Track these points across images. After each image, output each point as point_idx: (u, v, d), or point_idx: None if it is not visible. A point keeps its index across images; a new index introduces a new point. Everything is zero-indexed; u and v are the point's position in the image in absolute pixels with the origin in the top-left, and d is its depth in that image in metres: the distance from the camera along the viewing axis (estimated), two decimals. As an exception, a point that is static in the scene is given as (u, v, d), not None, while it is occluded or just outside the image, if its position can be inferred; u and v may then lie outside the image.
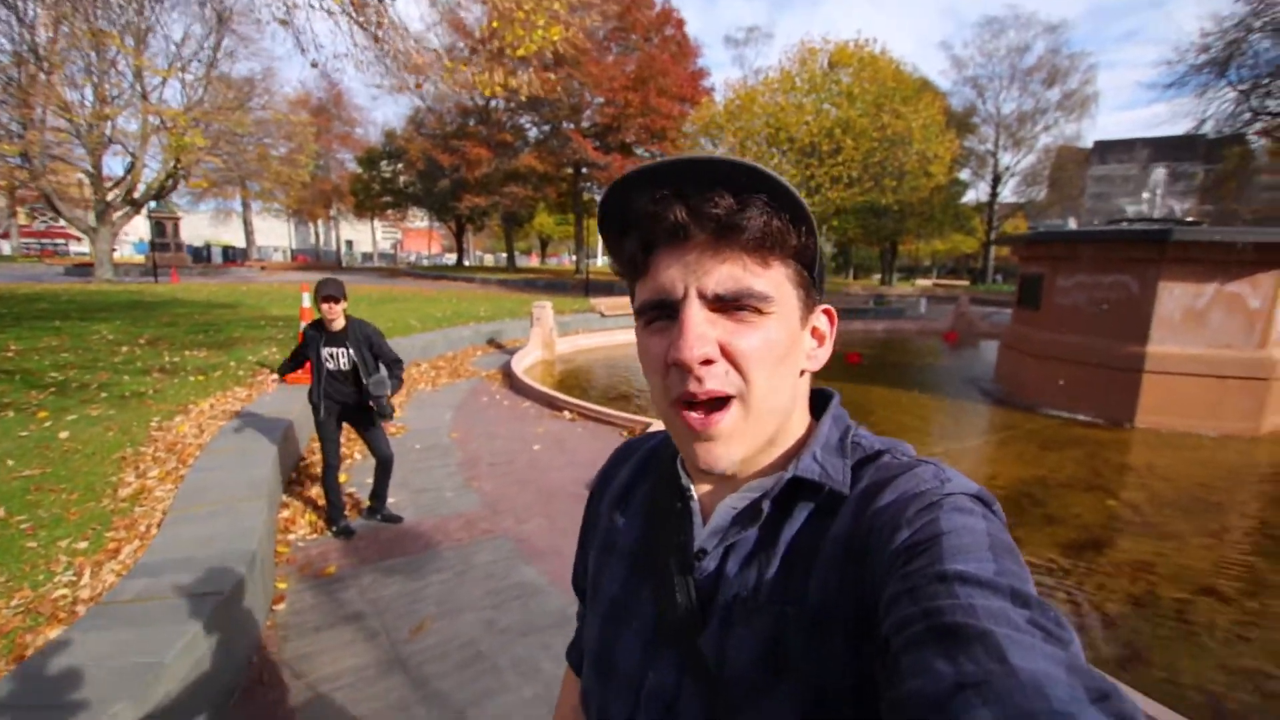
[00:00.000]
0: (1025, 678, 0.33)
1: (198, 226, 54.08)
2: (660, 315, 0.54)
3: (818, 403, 0.65)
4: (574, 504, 4.33)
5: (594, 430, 6.26)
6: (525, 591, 3.17)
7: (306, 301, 6.62)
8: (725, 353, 0.52)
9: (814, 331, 0.60)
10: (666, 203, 0.51)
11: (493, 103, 34.34)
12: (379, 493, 4.00)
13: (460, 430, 6.20)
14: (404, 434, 5.97)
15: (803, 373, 0.59)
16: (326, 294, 3.61)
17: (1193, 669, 2.97)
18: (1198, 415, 7.36)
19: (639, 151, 34.10)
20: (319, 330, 3.75)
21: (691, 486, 0.62)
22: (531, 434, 6.10)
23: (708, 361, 0.51)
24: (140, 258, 40.47)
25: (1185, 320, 7.42)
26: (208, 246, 44.78)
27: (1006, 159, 37.45)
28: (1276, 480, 5.83)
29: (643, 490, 0.70)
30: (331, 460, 3.85)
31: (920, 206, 28.73)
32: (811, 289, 0.57)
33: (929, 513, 0.47)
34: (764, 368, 0.53)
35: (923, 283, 45.36)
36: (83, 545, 2.89)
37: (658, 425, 6.21)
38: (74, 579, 2.60)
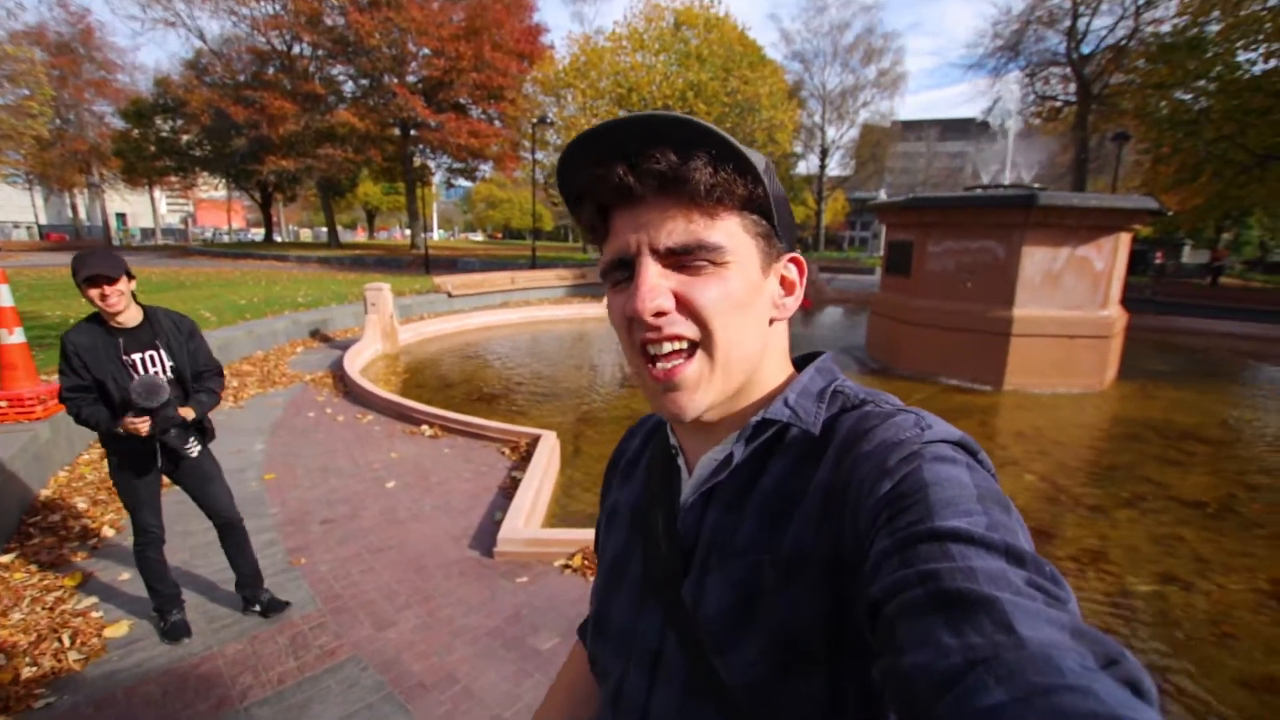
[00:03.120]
0: (1034, 649, 0.31)
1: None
2: (622, 275, 0.54)
3: (807, 363, 0.63)
4: (461, 577, 3.10)
5: (466, 449, 4.94)
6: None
7: (6, 298, 4.22)
8: (682, 304, 0.52)
9: (782, 280, 0.59)
10: (610, 165, 0.51)
11: (296, 48, 29.51)
12: (247, 574, 2.78)
13: (278, 467, 4.57)
14: (190, 482, 4.24)
15: (772, 321, 0.58)
16: (95, 272, 2.22)
17: (1218, 689, 2.58)
18: (1055, 375, 7.74)
19: (474, 113, 31.22)
20: (105, 328, 2.34)
21: (679, 445, 0.63)
22: (382, 462, 4.66)
23: (661, 313, 0.52)
24: None
25: (1044, 283, 7.72)
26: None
27: (832, 133, 39.89)
28: (1142, 436, 6.14)
29: (647, 458, 0.69)
30: (154, 532, 2.58)
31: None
32: (773, 238, 0.56)
33: (911, 462, 0.45)
34: (722, 316, 0.52)
35: (762, 250, 47.87)
36: None
37: (547, 435, 5.07)
38: None
